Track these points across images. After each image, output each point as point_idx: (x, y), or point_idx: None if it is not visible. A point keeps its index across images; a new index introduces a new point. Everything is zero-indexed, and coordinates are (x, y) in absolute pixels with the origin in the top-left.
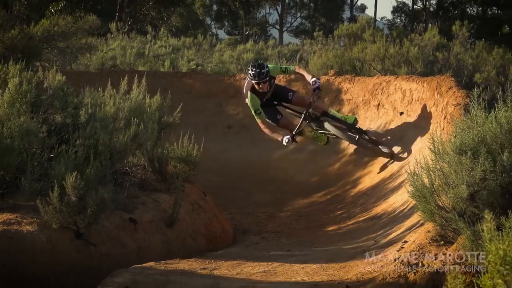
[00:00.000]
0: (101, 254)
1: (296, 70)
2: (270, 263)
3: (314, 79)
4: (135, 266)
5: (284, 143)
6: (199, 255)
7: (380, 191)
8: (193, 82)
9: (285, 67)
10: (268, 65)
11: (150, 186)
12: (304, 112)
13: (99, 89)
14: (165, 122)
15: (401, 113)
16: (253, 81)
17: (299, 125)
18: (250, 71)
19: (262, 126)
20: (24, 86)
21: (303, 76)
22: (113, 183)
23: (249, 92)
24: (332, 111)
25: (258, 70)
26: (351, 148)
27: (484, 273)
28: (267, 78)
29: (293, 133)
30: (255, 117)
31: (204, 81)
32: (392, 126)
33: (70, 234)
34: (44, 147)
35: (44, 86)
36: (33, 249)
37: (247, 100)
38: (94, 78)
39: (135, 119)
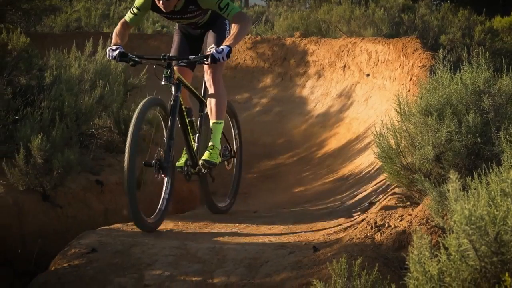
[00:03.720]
0: (68, 216)
1: (233, 22)
2: (237, 224)
3: (223, 46)
4: (102, 228)
5: (107, 54)
6: (166, 216)
7: (347, 152)
8: (159, 44)
9: (227, 5)
10: None
11: (116, 148)
12: (187, 58)
13: (64, 51)
14: (131, 84)
15: (367, 75)
16: None
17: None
18: None
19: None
20: None
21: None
22: (79, 145)
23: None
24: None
25: None
26: (318, 110)
27: (449, 233)
28: None
29: (137, 60)
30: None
31: (169, 43)
32: (358, 88)
33: (36, 196)
34: (9, 109)
35: (9, 48)
36: None
37: None
38: (59, 40)
39: (101, 81)
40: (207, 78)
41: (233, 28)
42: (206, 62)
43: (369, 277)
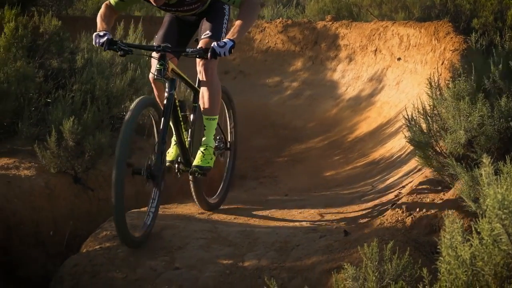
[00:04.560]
0: (99, 198)
1: (241, 9)
2: (268, 208)
3: (226, 40)
4: (133, 210)
5: (94, 40)
6: None
7: (378, 136)
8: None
9: None
10: None
11: (147, 131)
12: (184, 50)
13: None
14: None
15: (399, 59)
16: None
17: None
18: None
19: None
20: (20, 31)
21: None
22: (110, 128)
23: None
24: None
25: None
26: (349, 94)
27: (482, 218)
28: None
29: (127, 50)
30: None
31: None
32: (389, 71)
33: (68, 179)
34: (41, 92)
35: (40, 31)
36: (31, 193)
37: None
38: (90, 23)
39: (132, 65)
40: (199, 69)
41: (240, 16)
42: (206, 57)
43: (400, 261)
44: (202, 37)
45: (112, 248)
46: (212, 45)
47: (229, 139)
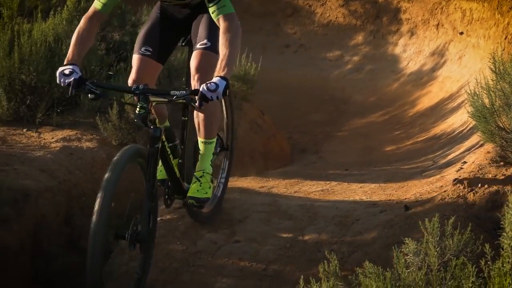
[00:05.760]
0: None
1: (222, 25)
2: (328, 182)
3: (216, 80)
4: None
5: (57, 78)
6: (257, 173)
7: (439, 111)
8: (250, 1)
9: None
10: None
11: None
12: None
13: None
14: None
15: (461, 33)
16: None
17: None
18: None
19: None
20: (82, 3)
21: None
22: None
23: None
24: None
25: None
26: (410, 68)
27: None
28: None
29: (98, 93)
30: None
31: (262, 0)
32: (452, 46)
33: None
34: (102, 64)
35: None
36: (93, 165)
37: None
38: None
39: None
40: (195, 84)
41: (224, 45)
42: (193, 105)
43: (461, 237)
44: (198, 46)
45: (172, 220)
46: (200, 89)
47: (225, 138)
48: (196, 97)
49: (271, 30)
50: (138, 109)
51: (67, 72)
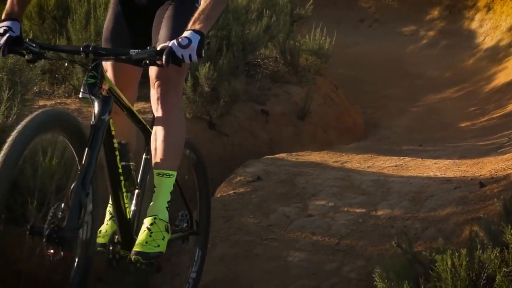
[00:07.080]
0: (234, 144)
1: None
2: (401, 157)
3: (188, 34)
4: (266, 157)
5: None
6: (330, 147)
7: None
8: None
9: None
10: None
11: (281, 79)
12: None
13: None
14: (297, 15)
15: None
16: None
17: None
18: None
19: None
20: None
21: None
22: (245, 74)
23: None
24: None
25: None
26: (486, 44)
27: None
28: None
29: (39, 52)
30: None
31: None
32: None
33: (203, 124)
34: None
35: None
36: None
37: None
38: None
39: (267, 11)
40: (154, 95)
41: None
42: (158, 63)
43: None
44: (159, 48)
45: (245, 193)
46: (170, 44)
47: (196, 218)
48: (163, 55)
49: (346, 4)
50: (86, 76)
51: (1, 30)
